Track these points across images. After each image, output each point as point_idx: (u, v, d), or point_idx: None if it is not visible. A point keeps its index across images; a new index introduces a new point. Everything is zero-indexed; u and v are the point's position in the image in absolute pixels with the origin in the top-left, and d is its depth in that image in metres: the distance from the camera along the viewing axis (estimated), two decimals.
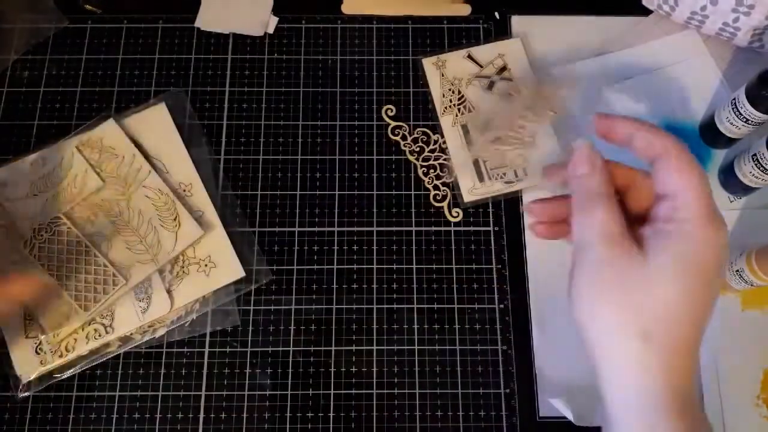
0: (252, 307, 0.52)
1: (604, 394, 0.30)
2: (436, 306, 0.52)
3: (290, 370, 0.51)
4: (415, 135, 0.58)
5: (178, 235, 0.52)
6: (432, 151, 0.57)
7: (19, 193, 0.53)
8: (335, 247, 0.54)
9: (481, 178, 0.56)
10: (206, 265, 0.52)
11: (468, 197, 0.55)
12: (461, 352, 0.51)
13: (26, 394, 0.49)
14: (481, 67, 0.59)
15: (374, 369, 0.51)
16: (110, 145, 0.54)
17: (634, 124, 0.32)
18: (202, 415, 0.49)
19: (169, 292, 0.51)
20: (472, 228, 0.55)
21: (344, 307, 0.52)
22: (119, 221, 0.52)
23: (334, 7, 0.62)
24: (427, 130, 0.58)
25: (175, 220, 0.52)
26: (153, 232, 0.52)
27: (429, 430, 0.49)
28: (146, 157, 0.55)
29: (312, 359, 0.51)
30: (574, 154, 0.33)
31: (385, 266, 0.54)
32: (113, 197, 0.53)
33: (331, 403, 0.50)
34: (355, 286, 0.53)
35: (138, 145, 0.55)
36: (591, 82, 0.58)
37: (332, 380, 0.50)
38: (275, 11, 0.61)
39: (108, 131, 0.55)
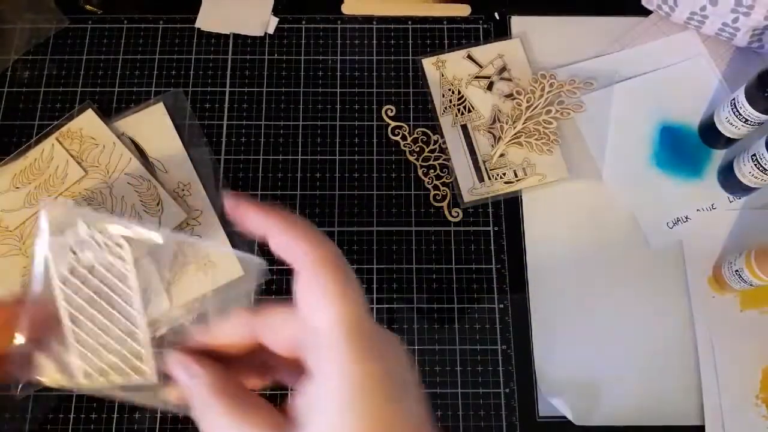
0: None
1: None
2: (436, 306, 0.53)
3: None
4: (415, 135, 0.58)
5: (161, 220, 0.52)
6: (432, 151, 0.57)
7: (1, 187, 0.53)
8: None
9: (481, 178, 0.56)
10: (205, 265, 0.52)
11: (468, 197, 0.55)
12: (461, 352, 0.51)
13: (26, 393, 0.49)
14: (481, 67, 0.59)
15: None
16: (90, 135, 0.55)
17: (266, 220, 0.26)
18: None
19: (167, 290, 0.51)
20: (471, 228, 0.55)
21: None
22: (102, 209, 0.52)
23: (334, 7, 0.62)
24: (427, 130, 0.58)
25: (158, 205, 0.53)
26: (136, 218, 0.52)
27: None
28: (144, 157, 0.55)
29: None
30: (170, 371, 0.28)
31: (385, 266, 0.54)
32: (96, 186, 0.53)
33: None
34: None
35: (136, 145, 0.55)
36: (602, 82, 0.58)
37: None
38: (275, 11, 0.61)
39: (87, 121, 0.55)
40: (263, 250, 0.53)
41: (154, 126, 0.56)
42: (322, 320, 0.24)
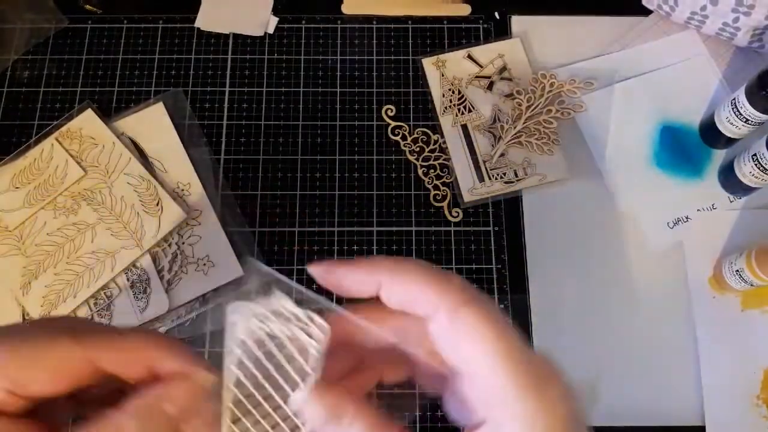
0: None
1: None
2: None
3: None
4: (415, 135, 0.58)
5: (161, 219, 0.52)
6: (432, 151, 0.57)
7: (0, 187, 0.54)
8: (335, 247, 0.54)
9: (481, 178, 0.56)
10: (204, 265, 0.52)
11: (468, 197, 0.55)
12: None
13: None
14: (481, 67, 0.59)
15: None
16: (90, 135, 0.55)
17: (373, 274, 0.22)
18: None
19: (167, 291, 0.51)
20: (472, 228, 0.55)
21: (345, 307, 0.52)
22: (102, 209, 0.52)
23: (334, 7, 0.62)
24: (427, 130, 0.58)
25: (157, 204, 0.53)
26: (136, 217, 0.52)
27: (429, 430, 0.49)
28: (144, 156, 0.55)
29: None
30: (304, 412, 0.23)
31: None
32: (95, 186, 0.53)
33: None
34: None
35: (136, 144, 0.55)
36: (602, 82, 0.58)
37: None
38: (275, 11, 0.61)
39: (87, 121, 0.55)
40: (264, 250, 0.52)
41: (153, 126, 0.56)
42: (483, 366, 0.21)
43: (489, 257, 0.54)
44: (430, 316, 0.22)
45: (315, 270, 0.24)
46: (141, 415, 0.22)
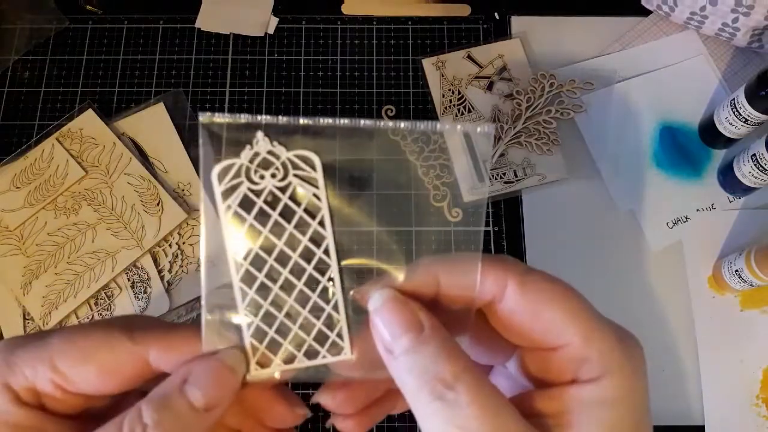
0: None
1: None
2: None
3: None
4: (415, 135, 0.58)
5: (161, 219, 0.52)
6: (432, 151, 0.57)
7: (0, 187, 0.54)
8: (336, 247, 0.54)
9: (480, 178, 0.56)
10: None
11: (468, 197, 0.55)
12: None
13: None
14: (481, 67, 0.59)
15: None
16: (91, 135, 0.55)
17: (427, 270, 0.22)
18: None
19: (168, 291, 0.51)
20: (472, 228, 0.55)
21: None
22: (102, 209, 0.53)
23: (335, 7, 0.62)
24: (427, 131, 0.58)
25: (158, 204, 0.53)
26: (137, 218, 0.52)
27: None
28: (145, 156, 0.55)
29: None
30: (373, 319, 0.21)
31: None
32: (96, 186, 0.53)
33: None
34: None
35: (136, 145, 0.55)
36: (602, 82, 0.58)
37: None
38: (275, 12, 0.62)
39: (88, 122, 0.55)
40: None
41: (154, 126, 0.56)
42: (569, 328, 0.21)
43: None
44: (498, 295, 0.21)
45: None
46: (159, 403, 0.20)
